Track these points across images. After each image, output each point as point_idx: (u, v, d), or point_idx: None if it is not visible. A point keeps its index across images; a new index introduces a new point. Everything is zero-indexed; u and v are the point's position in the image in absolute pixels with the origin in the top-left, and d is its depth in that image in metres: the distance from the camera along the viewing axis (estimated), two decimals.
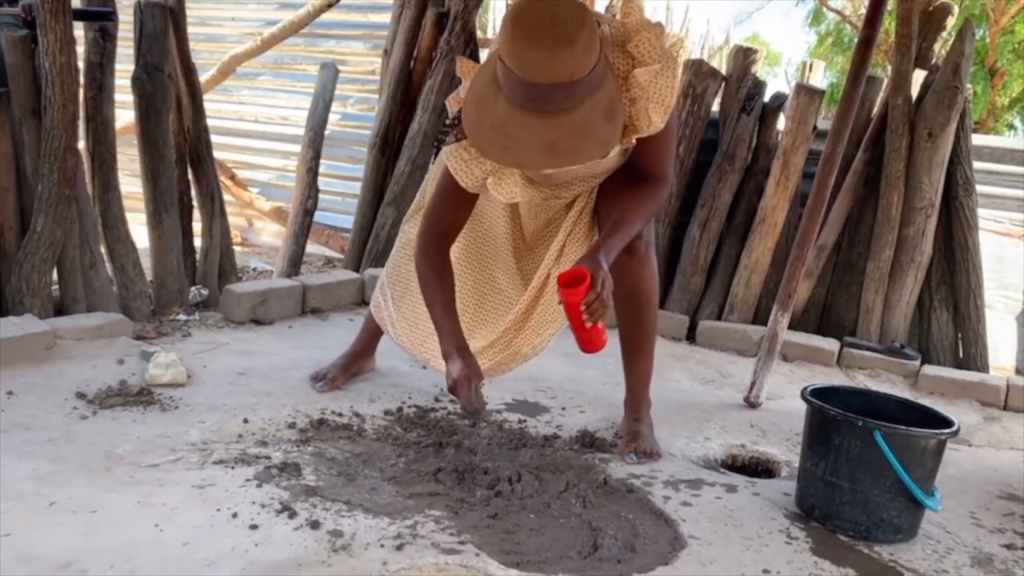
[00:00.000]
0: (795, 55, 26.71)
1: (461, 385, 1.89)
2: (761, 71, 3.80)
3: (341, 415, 2.22)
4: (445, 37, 3.74)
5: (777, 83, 12.97)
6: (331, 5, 5.33)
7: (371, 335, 2.51)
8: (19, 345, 2.34)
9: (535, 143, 1.67)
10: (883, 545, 1.81)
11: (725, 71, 3.63)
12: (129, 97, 2.98)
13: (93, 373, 2.33)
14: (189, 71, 3.14)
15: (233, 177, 5.94)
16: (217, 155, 3.54)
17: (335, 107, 4.49)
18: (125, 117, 4.15)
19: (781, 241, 3.45)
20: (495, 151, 1.74)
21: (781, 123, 3.56)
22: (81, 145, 2.73)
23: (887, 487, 1.79)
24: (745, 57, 3.60)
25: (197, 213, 3.25)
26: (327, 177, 4.83)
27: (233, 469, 1.84)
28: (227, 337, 2.82)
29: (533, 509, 1.78)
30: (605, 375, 2.71)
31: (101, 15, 2.83)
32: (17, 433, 1.92)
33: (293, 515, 1.65)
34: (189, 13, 3.19)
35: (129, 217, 2.96)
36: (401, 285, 2.39)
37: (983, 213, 4.16)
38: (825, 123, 3.38)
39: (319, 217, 4.38)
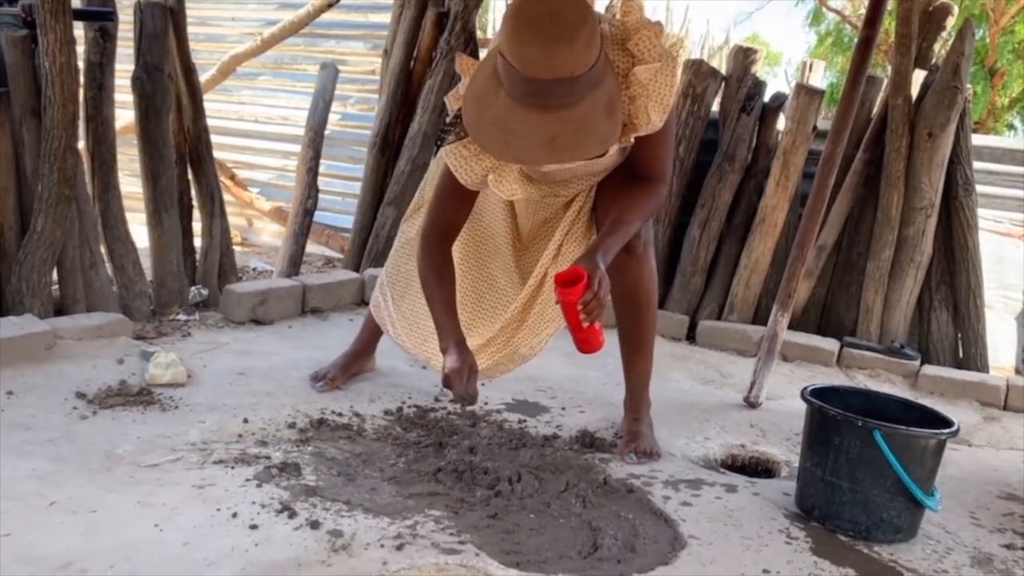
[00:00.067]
0: (795, 55, 26.75)
1: (454, 376, 1.89)
2: (761, 71, 3.79)
3: (341, 415, 2.22)
4: (445, 37, 3.75)
5: (777, 83, 12.97)
6: (331, 5, 5.33)
7: (371, 335, 2.52)
8: (19, 345, 2.34)
9: (535, 138, 1.67)
10: (883, 545, 1.81)
11: (725, 71, 3.63)
12: (129, 97, 2.98)
13: (93, 373, 2.33)
14: (189, 71, 3.14)
15: (233, 177, 5.94)
16: (217, 155, 3.54)
17: (335, 107, 4.49)
18: (125, 117, 4.15)
19: (781, 241, 3.45)
20: (496, 146, 1.74)
21: (781, 123, 3.55)
22: (81, 145, 2.73)
23: (887, 487, 1.79)
24: (745, 57, 3.60)
25: (197, 213, 3.25)
26: (327, 177, 4.84)
27: (233, 469, 1.84)
28: (227, 337, 2.82)
29: (533, 509, 1.78)
30: (605, 375, 2.71)
31: (101, 15, 2.83)
32: (17, 433, 1.92)
33: (293, 515, 1.66)
34: (189, 13, 3.19)
35: (129, 217, 2.96)
36: (401, 285, 2.39)
37: (983, 213, 4.17)
38: (825, 123, 3.38)
39: (319, 217, 4.38)
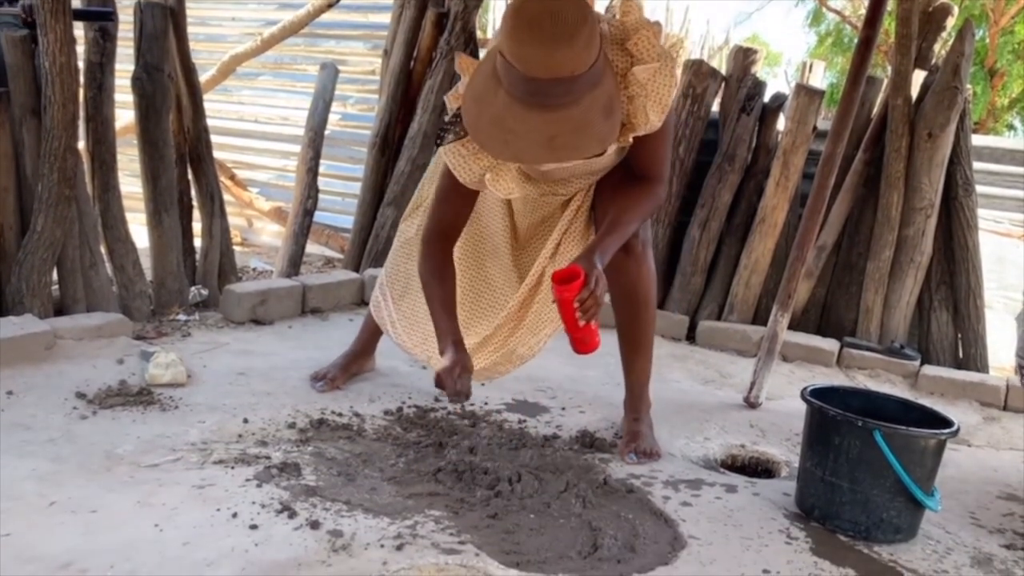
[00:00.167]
0: (795, 55, 26.72)
1: (445, 374, 1.89)
2: (761, 71, 3.79)
3: (341, 415, 2.22)
4: (445, 37, 3.75)
5: (777, 83, 12.97)
6: (331, 5, 5.34)
7: (371, 335, 2.52)
8: (19, 345, 2.34)
9: (534, 137, 1.67)
10: (883, 545, 1.81)
11: (725, 71, 3.63)
12: (129, 97, 2.98)
13: (93, 373, 2.33)
14: (189, 71, 3.14)
15: (233, 177, 5.94)
16: (217, 155, 3.54)
17: (335, 107, 4.48)
18: (125, 117, 4.15)
19: (781, 241, 3.45)
20: (495, 145, 1.74)
21: (781, 123, 3.55)
22: (81, 145, 2.73)
23: (887, 487, 1.79)
24: (745, 57, 3.60)
25: (197, 213, 3.25)
26: (327, 177, 4.84)
27: (233, 469, 1.84)
28: (227, 337, 2.82)
29: (533, 509, 1.78)
30: (605, 375, 2.71)
31: (101, 15, 2.83)
32: (17, 433, 1.92)
33: (293, 515, 1.66)
34: (189, 13, 3.19)
35: (129, 217, 2.96)
36: (400, 284, 2.39)
37: (983, 213, 4.17)
38: (825, 123, 3.38)
39: (319, 217, 4.38)
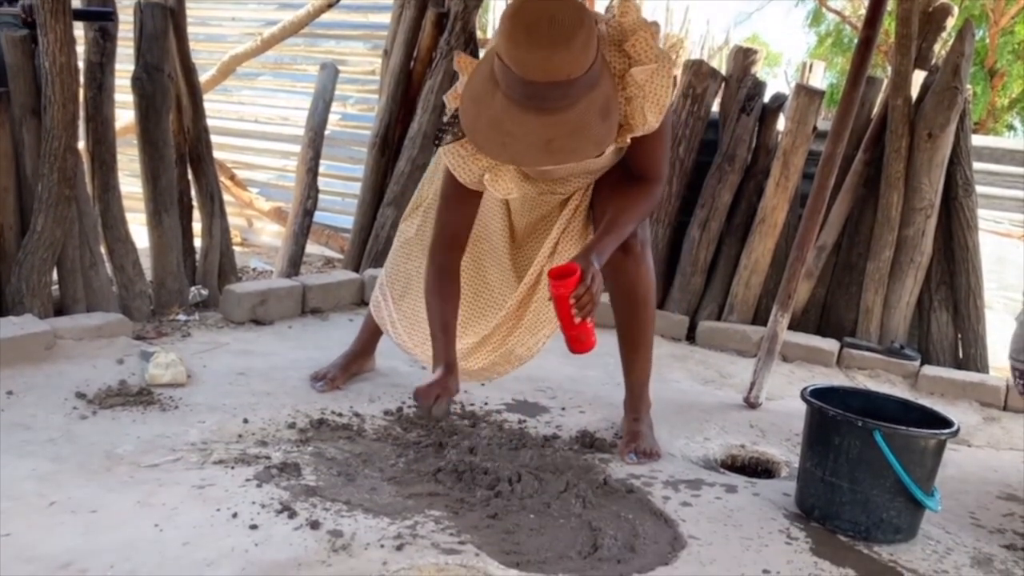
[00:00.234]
0: (795, 56, 26.70)
1: (425, 392, 1.86)
2: (761, 72, 3.79)
3: (341, 415, 2.22)
4: (445, 37, 3.75)
5: (777, 84, 12.98)
6: (331, 5, 5.33)
7: (371, 335, 2.52)
8: (19, 345, 2.34)
9: (531, 140, 1.67)
10: (883, 545, 1.81)
11: (725, 71, 3.63)
12: (129, 97, 2.98)
13: (93, 373, 2.33)
14: (189, 71, 3.14)
15: (233, 177, 5.94)
16: (217, 155, 3.54)
17: (335, 107, 4.48)
18: (125, 117, 4.15)
19: (781, 241, 3.45)
20: (493, 147, 1.74)
21: (781, 124, 3.55)
22: (81, 145, 2.73)
23: (887, 487, 1.79)
24: (745, 58, 3.60)
25: (197, 213, 3.25)
26: (327, 177, 4.83)
27: (233, 469, 1.84)
28: (227, 337, 2.82)
29: (533, 509, 1.78)
30: (605, 375, 2.71)
31: (101, 15, 2.83)
32: (17, 433, 1.92)
33: (293, 515, 1.66)
34: (189, 13, 3.19)
35: (129, 217, 2.96)
36: (400, 284, 2.39)
37: (983, 214, 4.17)
38: (825, 124, 3.38)
39: (319, 217, 4.38)
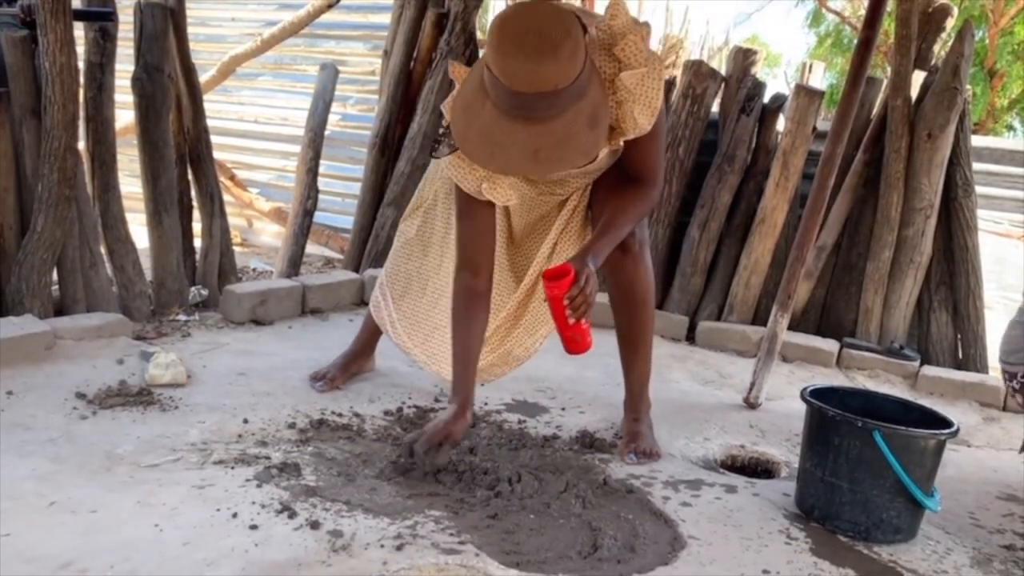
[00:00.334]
0: (795, 56, 26.69)
1: (429, 439, 1.86)
2: (761, 72, 3.80)
3: (341, 415, 2.22)
4: (445, 38, 3.75)
5: (777, 84, 12.97)
6: (331, 6, 5.34)
7: (370, 335, 2.52)
8: (19, 345, 2.34)
9: (519, 150, 1.69)
10: (883, 545, 1.81)
11: (725, 72, 3.63)
12: (129, 97, 2.98)
13: (93, 373, 2.33)
14: (189, 71, 3.14)
15: (233, 177, 5.95)
16: (217, 155, 3.54)
17: (335, 107, 4.48)
18: (125, 117, 4.15)
19: (781, 242, 3.45)
20: (482, 157, 1.76)
21: (781, 124, 3.56)
22: (81, 145, 2.73)
23: (887, 488, 1.79)
24: (745, 58, 3.61)
25: (197, 213, 3.25)
26: (327, 177, 4.83)
27: (233, 469, 1.84)
28: (227, 337, 2.82)
29: (533, 509, 1.78)
30: (605, 375, 2.71)
31: (101, 15, 2.83)
32: (17, 433, 1.92)
33: (293, 515, 1.66)
34: (189, 13, 3.19)
35: (129, 217, 2.96)
36: (400, 284, 2.39)
37: (982, 214, 4.17)
38: (825, 124, 3.38)
39: (319, 217, 4.38)
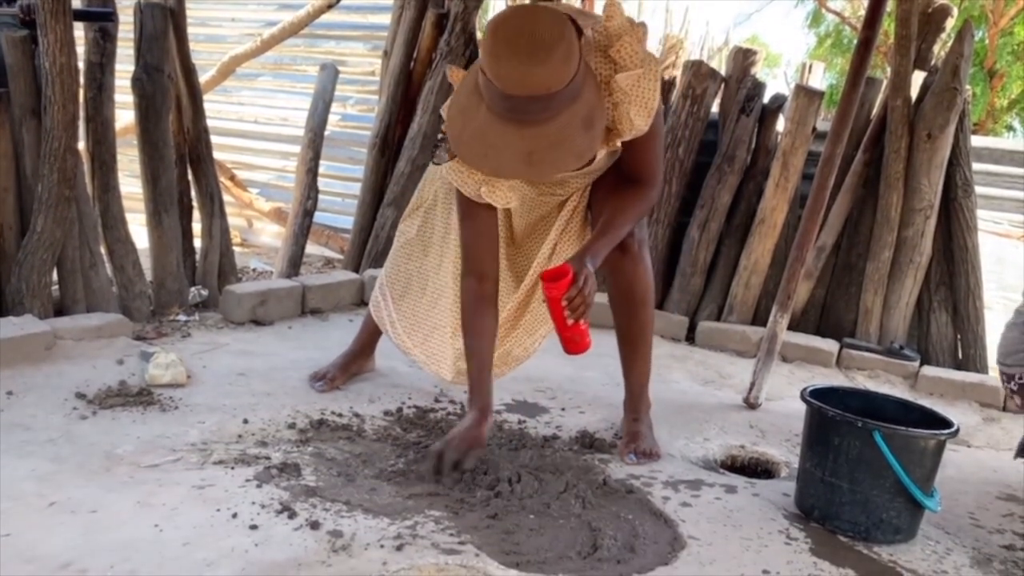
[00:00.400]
0: (794, 56, 26.72)
1: (457, 446, 1.87)
2: (760, 72, 3.79)
3: (341, 415, 2.22)
4: (445, 38, 3.75)
5: (776, 84, 12.97)
6: (331, 6, 5.34)
7: (370, 335, 2.52)
8: (19, 345, 2.34)
9: (512, 153, 1.70)
10: (883, 546, 1.81)
11: (724, 72, 3.63)
12: (129, 98, 2.98)
13: (93, 373, 2.33)
14: (189, 72, 3.14)
15: (233, 178, 5.94)
16: (217, 156, 3.54)
17: (335, 108, 4.48)
18: (125, 118, 4.14)
19: (780, 242, 3.46)
20: (476, 159, 1.77)
21: (780, 124, 3.56)
22: (81, 145, 2.73)
23: (886, 488, 1.79)
24: (744, 58, 3.61)
25: (197, 214, 3.25)
26: (327, 178, 4.83)
27: (233, 469, 1.84)
28: (227, 338, 2.82)
29: (533, 510, 1.78)
30: (605, 376, 2.71)
31: (101, 15, 2.83)
32: (17, 433, 1.92)
33: (293, 515, 1.66)
34: (189, 14, 3.19)
35: (129, 217, 2.96)
36: (400, 284, 2.39)
37: (982, 214, 4.17)
38: (824, 124, 3.38)
39: (319, 218, 4.38)
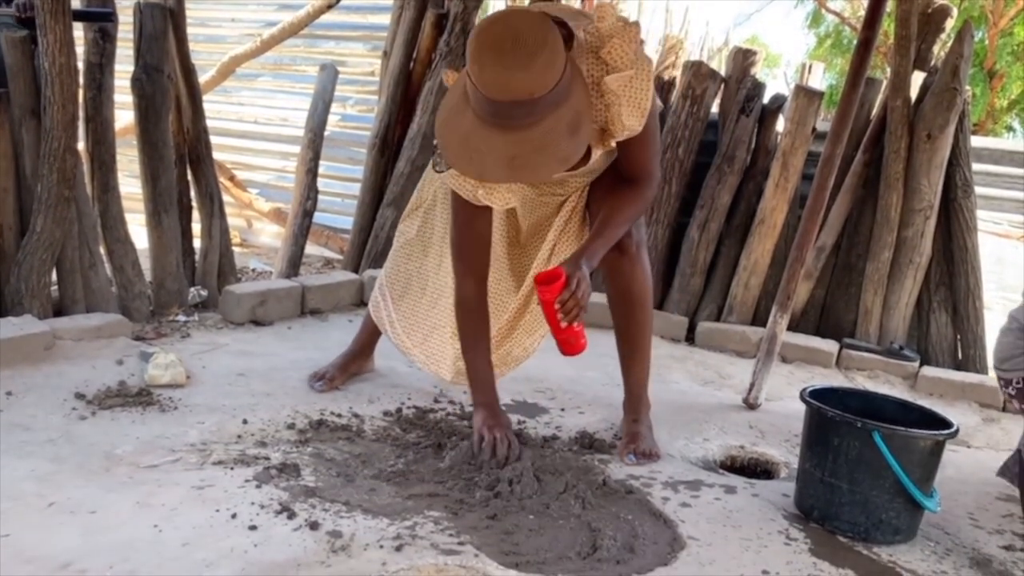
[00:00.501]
0: (794, 57, 26.73)
1: (498, 443, 1.95)
2: (760, 73, 3.80)
3: (340, 416, 2.22)
4: (444, 38, 3.75)
5: (776, 85, 12.98)
6: (331, 6, 5.34)
7: (370, 335, 2.52)
8: (18, 346, 2.34)
9: (495, 157, 1.70)
10: (882, 546, 1.81)
11: (724, 72, 3.63)
12: (129, 98, 2.98)
13: (92, 374, 2.33)
14: (189, 72, 3.14)
15: (232, 178, 5.94)
16: (216, 156, 3.54)
17: (334, 108, 4.48)
18: (124, 118, 4.14)
19: (780, 242, 3.46)
20: (461, 163, 1.78)
21: (780, 125, 3.56)
22: (80, 146, 2.72)
23: (886, 488, 1.79)
24: (744, 59, 3.61)
25: (196, 214, 3.25)
26: (326, 178, 4.83)
27: (232, 470, 1.84)
28: (226, 338, 2.82)
29: (532, 510, 1.78)
30: (604, 376, 2.71)
31: (101, 16, 2.83)
32: (16, 433, 1.92)
33: (292, 516, 1.66)
34: (189, 14, 3.19)
35: (128, 218, 2.96)
36: (400, 284, 2.39)
37: (982, 215, 4.17)
38: (824, 125, 3.38)
39: (318, 218, 4.38)
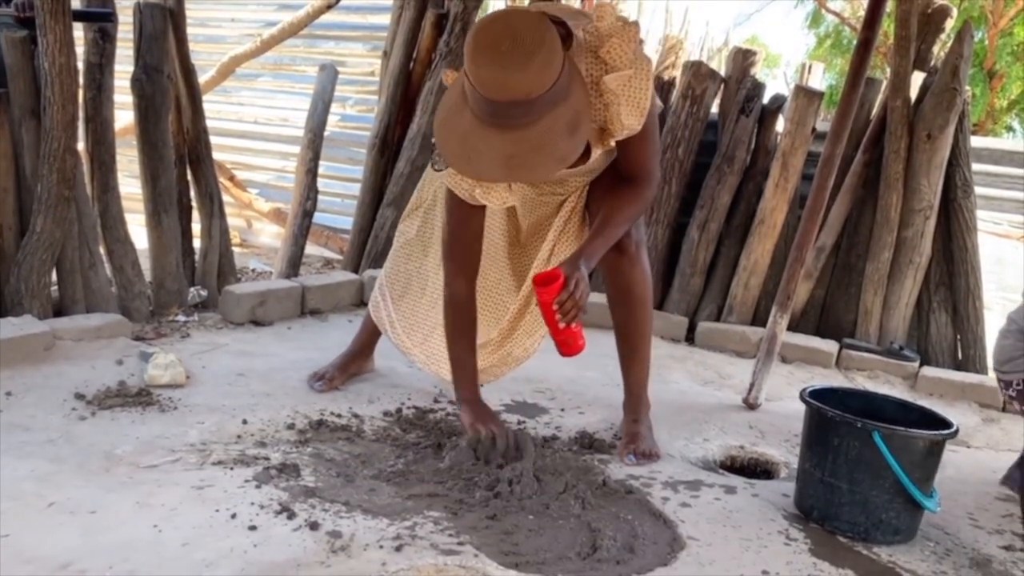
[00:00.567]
0: (794, 57, 26.70)
1: (497, 435, 1.96)
2: (760, 73, 3.80)
3: (340, 416, 2.22)
4: (444, 39, 3.75)
5: (776, 85, 12.97)
6: (331, 6, 5.34)
7: (369, 335, 2.52)
8: (18, 346, 2.34)
9: (492, 156, 1.70)
10: (882, 546, 1.81)
11: (724, 73, 3.64)
12: (128, 98, 2.98)
13: (92, 374, 2.33)
14: (188, 72, 3.14)
15: (232, 178, 5.94)
16: (216, 156, 3.54)
17: (334, 108, 4.48)
18: (124, 118, 4.14)
19: (780, 243, 3.46)
20: (459, 162, 1.78)
21: (780, 125, 3.56)
22: (80, 146, 2.73)
23: (886, 488, 1.79)
24: (744, 59, 3.61)
25: (196, 214, 3.25)
26: (326, 178, 4.83)
27: (232, 470, 1.84)
28: (226, 338, 2.82)
29: (532, 510, 1.78)
30: (604, 376, 2.71)
31: (101, 16, 2.83)
32: (16, 434, 1.92)
33: (292, 516, 1.66)
34: (188, 14, 3.19)
35: (128, 218, 2.96)
36: (400, 285, 2.39)
37: (981, 215, 4.17)
38: (824, 125, 3.39)
39: (318, 218, 4.37)
